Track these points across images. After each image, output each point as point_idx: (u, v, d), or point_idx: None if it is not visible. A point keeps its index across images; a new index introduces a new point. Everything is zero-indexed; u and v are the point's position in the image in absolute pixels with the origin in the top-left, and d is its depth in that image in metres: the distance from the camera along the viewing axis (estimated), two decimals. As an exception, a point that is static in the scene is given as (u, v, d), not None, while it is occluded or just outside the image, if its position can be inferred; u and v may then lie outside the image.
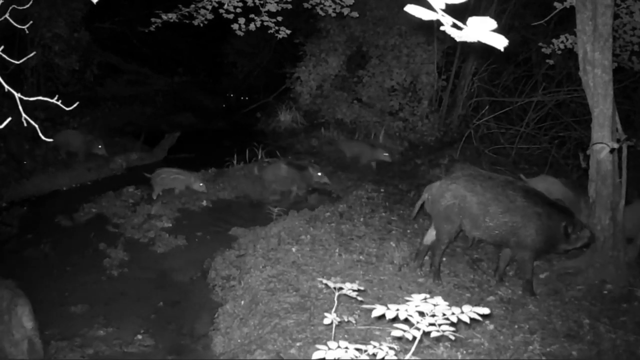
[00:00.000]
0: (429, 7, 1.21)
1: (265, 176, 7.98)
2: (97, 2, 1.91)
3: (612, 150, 5.03)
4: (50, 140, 2.28)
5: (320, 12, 6.51)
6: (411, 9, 1.21)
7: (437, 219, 4.82)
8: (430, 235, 5.05)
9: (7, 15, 2.11)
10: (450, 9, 1.19)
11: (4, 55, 2.09)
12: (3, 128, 1.93)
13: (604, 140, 5.01)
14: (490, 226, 4.64)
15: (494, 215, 4.59)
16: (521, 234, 4.60)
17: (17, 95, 1.97)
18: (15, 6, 2.29)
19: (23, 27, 2.31)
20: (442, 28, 1.20)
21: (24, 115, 2.01)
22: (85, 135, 9.41)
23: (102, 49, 14.23)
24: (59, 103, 2.00)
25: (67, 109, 2.08)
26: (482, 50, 10.31)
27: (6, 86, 2.05)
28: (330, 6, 6.35)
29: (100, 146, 9.25)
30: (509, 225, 4.60)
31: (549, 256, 5.39)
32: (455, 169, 7.38)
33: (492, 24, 1.16)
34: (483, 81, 10.66)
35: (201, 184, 7.70)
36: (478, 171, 4.95)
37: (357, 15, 6.62)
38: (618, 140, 5.05)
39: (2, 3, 2.09)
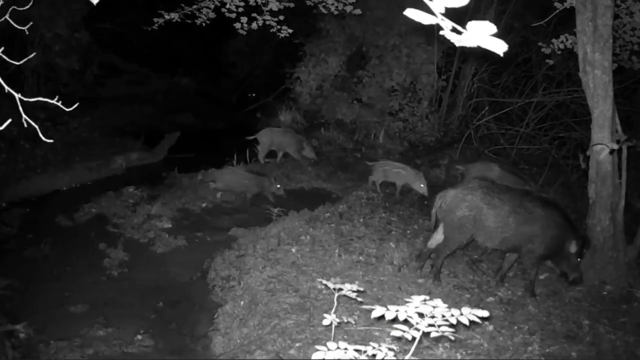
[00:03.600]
0: (429, 10, 1.20)
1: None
2: (97, 3, 1.91)
3: (612, 151, 5.03)
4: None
5: (323, 10, 6.51)
6: (410, 13, 1.20)
7: (450, 227, 4.76)
8: (436, 239, 5.01)
9: (7, 16, 2.11)
10: (450, 12, 1.19)
11: (4, 56, 2.09)
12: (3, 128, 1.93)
13: (603, 141, 5.01)
14: (506, 237, 4.64)
15: (512, 227, 4.60)
16: (537, 241, 4.62)
17: (17, 95, 1.97)
18: (16, 7, 2.29)
19: (23, 28, 2.31)
20: (441, 33, 1.20)
21: (24, 115, 2.01)
22: (294, 134, 9.36)
23: (102, 49, 14.22)
24: (59, 103, 2.00)
25: (67, 109, 2.08)
26: (482, 51, 10.30)
27: (6, 87, 2.05)
28: (332, 4, 6.36)
29: (309, 148, 9.20)
30: (527, 234, 4.62)
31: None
32: (471, 171, 7.26)
33: (492, 28, 1.15)
34: (483, 82, 10.66)
35: (422, 185, 7.30)
36: (499, 184, 4.94)
37: (360, 13, 6.62)
38: (618, 141, 5.06)
39: (2, 4, 2.09)
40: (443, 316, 1.99)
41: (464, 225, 4.67)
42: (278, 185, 7.62)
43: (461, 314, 2.00)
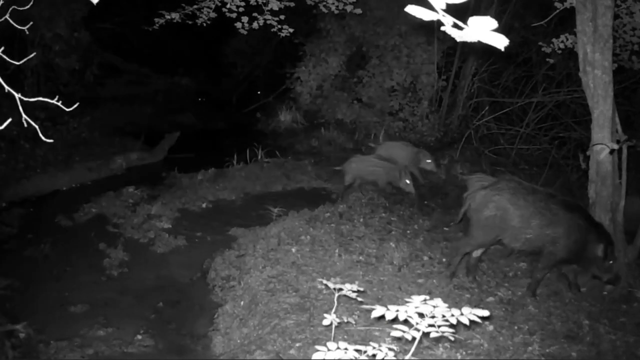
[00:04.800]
0: (430, 7, 1.21)
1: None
2: (97, 3, 1.91)
3: (612, 151, 5.03)
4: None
5: (323, 10, 6.52)
6: (412, 10, 1.21)
7: (476, 227, 4.79)
8: (481, 250, 5.01)
9: (7, 16, 2.11)
10: (450, 10, 1.19)
11: (4, 56, 2.09)
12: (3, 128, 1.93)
13: (604, 141, 5.01)
14: (530, 238, 4.65)
15: (536, 228, 4.61)
16: (559, 244, 4.63)
17: (17, 95, 1.97)
18: (16, 7, 2.29)
19: (23, 27, 2.31)
20: (442, 28, 1.20)
21: (24, 115, 2.01)
22: (412, 147, 8.37)
23: (102, 49, 14.22)
24: (59, 103, 2.00)
25: (67, 109, 2.08)
26: (482, 50, 10.31)
27: (6, 87, 2.05)
28: (332, 4, 6.37)
29: (428, 160, 8.19)
30: (551, 237, 4.63)
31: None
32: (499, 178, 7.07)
33: (493, 23, 1.16)
34: (483, 82, 10.66)
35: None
36: (522, 183, 4.94)
37: (360, 12, 6.62)
38: (618, 141, 5.06)
39: (2, 4, 2.09)
40: (443, 316, 1.99)
41: (490, 225, 4.70)
42: (408, 181, 6.91)
43: (461, 314, 2.00)
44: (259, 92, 15.81)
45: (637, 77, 8.04)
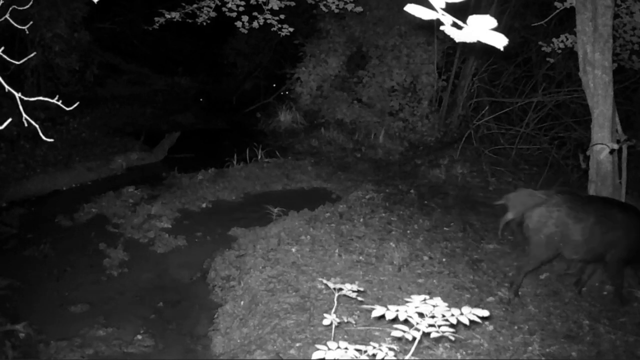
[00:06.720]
0: (430, 6, 1.21)
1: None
2: (97, 2, 1.91)
3: (612, 151, 5.04)
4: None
5: (323, 9, 6.52)
6: (411, 9, 1.21)
7: (536, 245, 4.73)
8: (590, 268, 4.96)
9: (7, 16, 2.11)
10: (450, 9, 1.19)
11: (5, 56, 2.09)
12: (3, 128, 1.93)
13: (604, 141, 5.01)
14: (592, 247, 4.63)
15: (598, 236, 4.59)
16: (620, 246, 4.62)
17: (17, 95, 1.97)
18: (16, 7, 2.29)
19: (23, 27, 2.31)
20: (442, 28, 1.20)
21: (24, 115, 2.01)
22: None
23: (102, 49, 14.24)
24: (59, 103, 2.00)
25: (67, 109, 2.08)
26: (482, 50, 10.31)
27: (6, 86, 2.05)
28: (333, 3, 6.37)
29: None
30: (611, 241, 4.61)
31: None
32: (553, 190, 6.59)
33: (492, 22, 1.16)
34: (483, 81, 10.67)
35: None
36: (575, 194, 4.88)
37: (361, 10, 6.62)
38: (618, 141, 5.06)
39: (2, 4, 2.09)
40: (443, 316, 1.99)
41: (551, 243, 4.65)
42: None
43: (461, 314, 2.00)
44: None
45: (637, 76, 8.04)
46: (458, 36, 1.19)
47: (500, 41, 1.17)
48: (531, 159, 9.37)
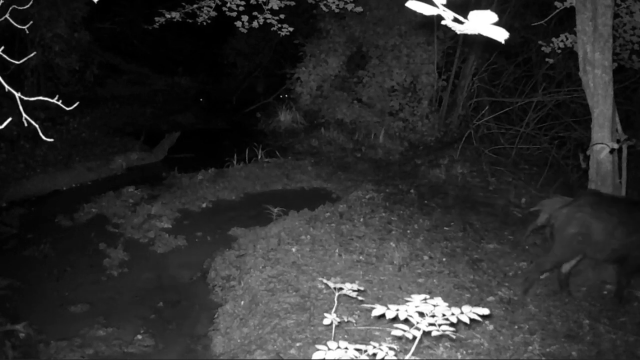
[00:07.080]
0: (430, 3, 1.21)
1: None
2: (97, 2, 1.91)
3: (612, 151, 5.04)
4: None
5: (324, 9, 6.52)
6: (412, 5, 1.21)
7: (559, 244, 4.75)
8: (570, 263, 4.96)
9: (7, 16, 2.11)
10: (451, 7, 1.20)
11: (5, 56, 2.09)
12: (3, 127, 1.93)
13: (604, 141, 5.01)
14: (616, 249, 4.62)
15: (621, 238, 4.59)
16: None
17: (17, 95, 1.97)
18: (16, 6, 2.29)
19: (23, 27, 2.31)
20: (443, 22, 1.21)
21: (24, 115, 2.01)
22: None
23: (102, 49, 14.25)
24: (59, 103, 2.00)
25: (67, 108, 2.08)
26: (482, 50, 10.32)
27: (6, 86, 2.05)
28: (333, 2, 6.37)
29: None
30: (635, 242, 4.60)
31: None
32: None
33: (493, 17, 1.16)
34: (483, 81, 10.66)
35: None
36: (602, 195, 4.87)
37: (361, 10, 6.62)
38: (618, 141, 5.06)
39: (2, 3, 2.09)
40: (443, 315, 1.99)
41: (573, 242, 4.67)
42: None
43: (462, 313, 2.00)
44: (259, 92, 15.83)
45: (637, 76, 8.04)
46: (460, 29, 1.19)
47: (501, 34, 1.17)
48: (531, 159, 9.37)
